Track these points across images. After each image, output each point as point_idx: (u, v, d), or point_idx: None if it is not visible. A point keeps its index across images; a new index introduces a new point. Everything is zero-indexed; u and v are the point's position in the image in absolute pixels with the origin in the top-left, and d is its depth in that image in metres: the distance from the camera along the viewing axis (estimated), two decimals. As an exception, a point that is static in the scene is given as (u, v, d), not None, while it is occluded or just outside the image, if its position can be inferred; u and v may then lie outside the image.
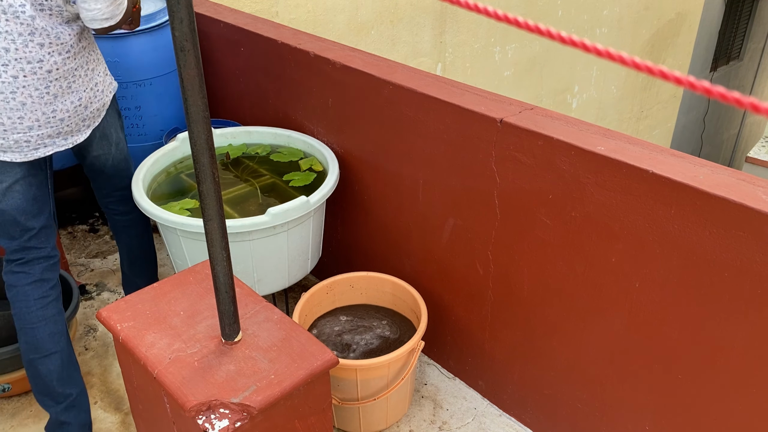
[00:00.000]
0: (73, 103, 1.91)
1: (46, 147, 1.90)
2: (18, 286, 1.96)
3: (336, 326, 2.25)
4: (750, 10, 9.45)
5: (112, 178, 2.25)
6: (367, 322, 2.27)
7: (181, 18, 1.11)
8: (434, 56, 4.87)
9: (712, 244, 1.52)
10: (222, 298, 1.42)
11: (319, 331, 2.24)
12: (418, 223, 2.26)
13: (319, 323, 2.27)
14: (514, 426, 2.21)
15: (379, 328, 2.23)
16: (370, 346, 2.17)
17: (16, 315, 1.98)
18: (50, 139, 1.90)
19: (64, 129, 1.91)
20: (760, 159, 7.44)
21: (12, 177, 1.89)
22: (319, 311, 2.30)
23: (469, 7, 0.62)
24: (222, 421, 1.34)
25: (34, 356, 1.97)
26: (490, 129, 1.90)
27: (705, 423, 1.69)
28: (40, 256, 1.99)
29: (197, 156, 1.25)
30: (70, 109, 1.90)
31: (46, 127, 1.87)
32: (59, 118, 1.88)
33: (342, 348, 2.16)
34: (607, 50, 0.54)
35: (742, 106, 0.51)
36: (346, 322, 2.27)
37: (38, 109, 1.83)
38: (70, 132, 1.94)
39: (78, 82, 1.90)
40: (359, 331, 2.23)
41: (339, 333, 2.23)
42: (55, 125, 1.89)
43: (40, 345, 1.97)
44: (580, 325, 1.88)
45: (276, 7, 3.84)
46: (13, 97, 1.78)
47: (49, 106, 1.85)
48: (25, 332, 1.97)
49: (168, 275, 2.41)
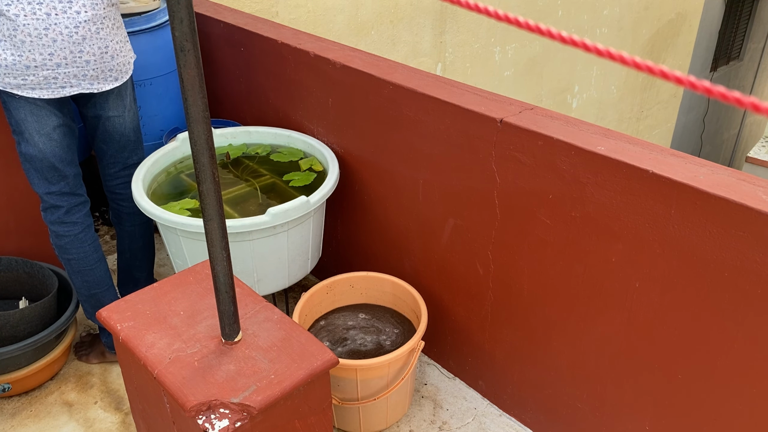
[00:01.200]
0: (100, 48, 2.04)
1: (72, 87, 2.03)
2: (70, 236, 2.20)
3: (350, 321, 2.27)
4: (750, 10, 9.45)
5: (122, 150, 2.31)
6: (380, 324, 2.27)
7: (181, 18, 1.11)
8: (434, 56, 4.87)
9: (712, 244, 1.52)
10: (222, 298, 1.42)
11: (327, 322, 2.26)
12: (418, 223, 2.26)
13: (330, 315, 2.29)
14: (514, 426, 2.21)
15: (388, 335, 2.24)
16: (366, 346, 2.17)
17: (72, 260, 2.22)
18: (76, 80, 2.03)
19: (89, 72, 2.05)
20: (760, 159, 7.45)
21: (51, 124, 2.06)
22: (319, 311, 2.30)
23: (470, 7, 0.62)
24: (222, 421, 1.34)
25: (97, 290, 2.29)
26: (490, 129, 1.89)
27: (705, 423, 1.69)
28: (79, 203, 2.21)
29: (197, 156, 1.25)
30: (96, 54, 2.04)
31: (72, 66, 2.00)
32: (85, 59, 2.02)
33: (341, 341, 2.16)
34: (607, 50, 0.54)
35: (743, 105, 0.51)
36: (362, 320, 2.28)
37: (66, 47, 1.97)
38: (95, 77, 2.07)
39: (105, 31, 2.04)
40: (370, 331, 2.24)
41: (350, 328, 2.24)
42: (81, 66, 2.02)
43: (102, 281, 2.29)
44: (580, 325, 1.88)
45: (276, 7, 3.84)
46: (45, 34, 1.93)
47: (77, 46, 1.99)
48: (85, 273, 2.25)
49: (168, 275, 2.41)
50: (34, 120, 2.04)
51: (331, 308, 2.34)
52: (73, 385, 2.38)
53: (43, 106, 2.04)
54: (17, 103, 2.01)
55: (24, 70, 1.95)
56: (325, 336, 2.22)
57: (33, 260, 2.47)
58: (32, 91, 1.99)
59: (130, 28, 2.60)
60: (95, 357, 2.46)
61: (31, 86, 1.98)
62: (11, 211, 2.51)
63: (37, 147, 2.07)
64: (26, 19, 1.90)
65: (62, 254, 2.23)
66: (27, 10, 1.90)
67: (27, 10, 1.90)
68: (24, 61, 1.94)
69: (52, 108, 2.06)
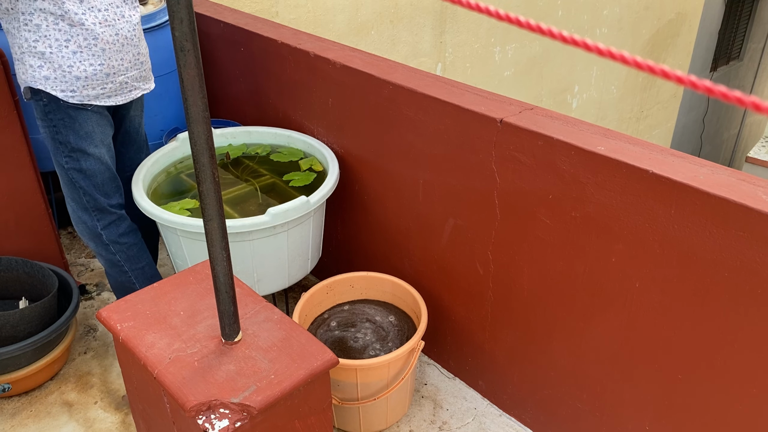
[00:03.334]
0: (145, 48, 2.11)
1: (134, 90, 2.08)
2: (138, 243, 2.25)
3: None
4: (750, 10, 9.45)
5: (138, 152, 2.34)
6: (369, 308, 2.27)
7: (181, 18, 1.11)
8: (434, 56, 4.87)
9: (712, 244, 1.52)
10: (222, 298, 1.42)
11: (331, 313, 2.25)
12: (418, 223, 2.26)
13: (337, 308, 2.28)
14: (514, 426, 2.21)
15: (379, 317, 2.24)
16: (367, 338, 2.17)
17: (145, 266, 2.28)
18: (137, 82, 2.08)
19: (143, 73, 2.10)
20: (760, 159, 7.45)
21: (110, 133, 2.10)
22: (319, 311, 2.30)
23: (470, 7, 0.62)
24: (222, 421, 1.34)
25: (156, 279, 2.31)
26: (490, 129, 1.89)
27: (705, 423, 1.69)
28: (123, 205, 2.24)
29: (197, 156, 1.25)
30: (145, 54, 2.10)
31: (134, 69, 2.05)
32: (141, 60, 2.07)
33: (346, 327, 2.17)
34: (608, 50, 0.54)
35: (744, 105, 0.51)
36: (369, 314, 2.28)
37: (130, 50, 2.02)
38: (146, 78, 2.12)
39: (141, 35, 2.11)
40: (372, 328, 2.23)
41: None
42: (139, 67, 2.07)
43: (155, 273, 2.33)
44: (580, 325, 1.88)
45: (276, 7, 3.84)
46: (117, 39, 1.98)
47: (136, 48, 2.05)
48: (153, 277, 2.29)
49: (168, 275, 2.41)
50: (101, 131, 2.05)
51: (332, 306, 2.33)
52: (73, 385, 2.38)
53: (106, 115, 2.05)
54: (86, 117, 2.00)
55: (104, 78, 1.96)
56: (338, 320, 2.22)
57: (33, 260, 2.47)
58: (109, 99, 2.00)
59: (130, 28, 2.60)
60: None
61: (108, 94, 1.99)
62: (11, 211, 2.51)
63: (102, 159, 2.07)
64: (101, 27, 1.92)
65: (133, 264, 2.23)
66: (100, 18, 1.91)
67: (100, 18, 1.91)
68: (105, 69, 1.94)
69: (109, 116, 2.08)
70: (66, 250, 3.05)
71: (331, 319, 2.28)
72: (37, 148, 2.58)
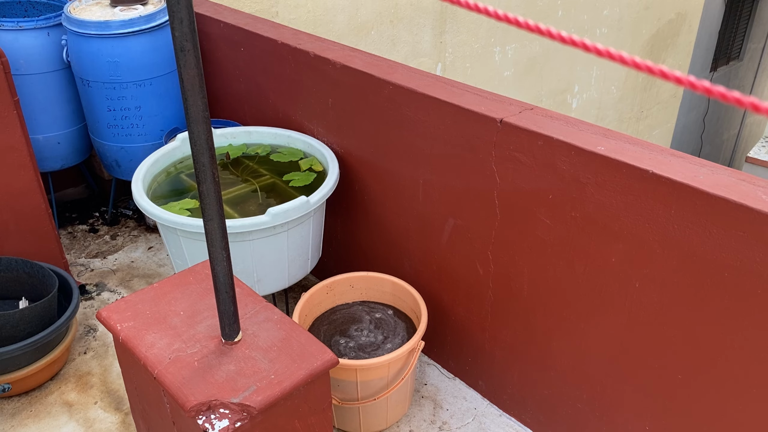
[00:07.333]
0: None
1: None
2: None
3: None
4: (750, 10, 9.45)
5: None
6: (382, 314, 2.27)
7: (181, 18, 1.11)
8: (434, 56, 4.87)
9: (712, 244, 1.52)
10: (222, 298, 1.42)
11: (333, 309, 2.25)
12: (418, 223, 2.26)
13: (337, 308, 2.28)
14: (514, 426, 2.21)
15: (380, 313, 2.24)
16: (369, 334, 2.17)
17: None
18: None
19: None
20: (760, 159, 7.44)
21: None
22: (318, 311, 2.30)
23: (470, 7, 0.62)
24: (222, 421, 1.34)
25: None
26: (490, 129, 1.89)
27: (705, 423, 1.69)
28: None
29: (197, 156, 1.25)
30: None
31: None
32: None
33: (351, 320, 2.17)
34: (607, 50, 0.54)
35: (743, 105, 0.51)
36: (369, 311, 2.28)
37: None
38: None
39: None
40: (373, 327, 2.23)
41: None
42: None
43: None
44: (580, 325, 1.88)
45: (276, 7, 3.84)
46: None
47: None
48: None
49: (168, 275, 2.41)
50: None
51: (331, 308, 2.33)
52: (73, 385, 2.38)
53: None
54: None
55: None
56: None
57: (33, 260, 2.47)
58: None
59: (130, 28, 2.60)
60: None
61: None
62: (11, 211, 2.51)
63: None
64: None
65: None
66: None
67: None
68: None
69: None
70: (66, 250, 3.05)
71: (331, 320, 2.28)
72: (37, 148, 2.58)
